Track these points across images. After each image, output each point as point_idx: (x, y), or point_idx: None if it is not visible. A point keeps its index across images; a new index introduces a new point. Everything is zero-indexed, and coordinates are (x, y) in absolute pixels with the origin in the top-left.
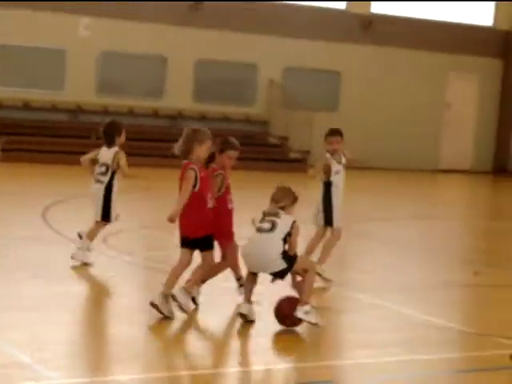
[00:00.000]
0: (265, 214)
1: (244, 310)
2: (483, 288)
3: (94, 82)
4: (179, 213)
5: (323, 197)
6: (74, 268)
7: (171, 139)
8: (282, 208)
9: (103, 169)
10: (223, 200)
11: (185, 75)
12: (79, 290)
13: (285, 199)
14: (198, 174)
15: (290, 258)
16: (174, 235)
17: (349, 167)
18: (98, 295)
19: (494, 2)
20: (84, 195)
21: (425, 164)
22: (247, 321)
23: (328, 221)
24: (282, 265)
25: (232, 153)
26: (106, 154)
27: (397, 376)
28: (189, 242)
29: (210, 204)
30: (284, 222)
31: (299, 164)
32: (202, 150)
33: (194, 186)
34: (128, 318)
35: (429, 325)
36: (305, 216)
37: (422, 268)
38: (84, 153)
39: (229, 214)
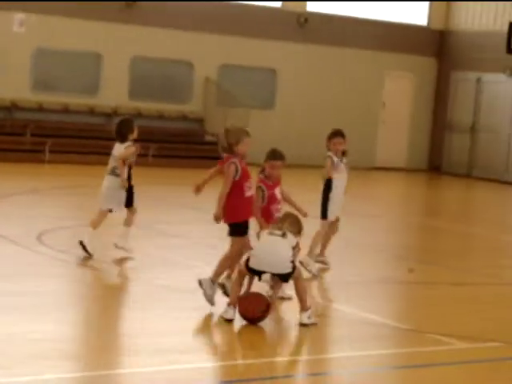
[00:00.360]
0: (273, 228)
1: (229, 315)
2: (418, 285)
3: (29, 79)
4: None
5: (323, 192)
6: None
7: (107, 136)
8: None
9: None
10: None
11: (120, 72)
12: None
13: (292, 228)
14: (239, 166)
15: (294, 265)
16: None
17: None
18: (29, 292)
19: (428, 2)
20: None
21: (361, 162)
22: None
23: (323, 214)
24: (288, 268)
25: (272, 162)
26: (118, 149)
27: (334, 372)
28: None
29: (249, 193)
30: (291, 237)
31: None
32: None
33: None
34: (47, 316)
35: (365, 321)
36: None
37: (357, 264)
38: (17, 150)
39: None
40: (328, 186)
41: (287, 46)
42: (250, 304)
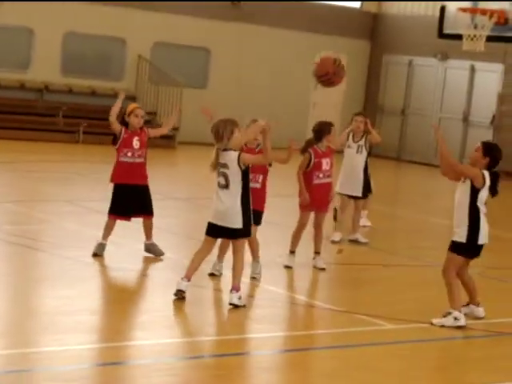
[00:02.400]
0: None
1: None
2: (346, 266)
3: None
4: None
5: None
6: None
7: (38, 112)
8: None
9: None
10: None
11: (52, 48)
12: None
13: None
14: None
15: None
16: (36, 210)
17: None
18: None
19: None
20: None
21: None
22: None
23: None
24: (238, 223)
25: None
26: None
27: (262, 352)
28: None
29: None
30: (231, 155)
31: (168, 140)
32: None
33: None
34: None
35: (292, 302)
36: None
37: (285, 245)
38: None
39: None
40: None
41: (221, 25)
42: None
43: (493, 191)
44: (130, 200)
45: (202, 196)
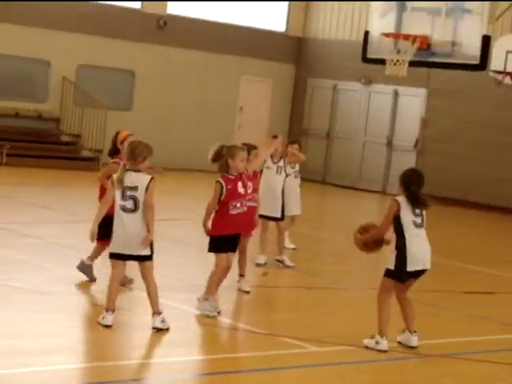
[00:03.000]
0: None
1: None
2: (271, 289)
3: None
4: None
5: None
6: None
7: None
8: None
9: None
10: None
11: None
12: None
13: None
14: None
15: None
16: None
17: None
18: None
19: (286, 10)
20: None
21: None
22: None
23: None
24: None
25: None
26: None
27: (182, 376)
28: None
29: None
30: (142, 178)
31: (91, 163)
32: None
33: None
34: None
35: (216, 324)
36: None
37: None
38: None
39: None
40: None
41: (146, 47)
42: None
43: (415, 203)
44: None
45: None
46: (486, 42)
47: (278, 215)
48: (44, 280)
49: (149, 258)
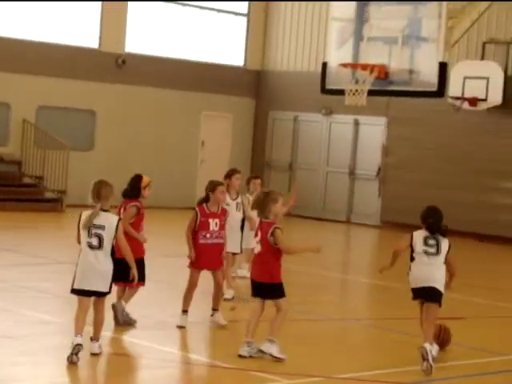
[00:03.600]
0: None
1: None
2: (240, 323)
3: None
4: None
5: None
6: None
7: None
8: None
9: None
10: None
11: None
12: None
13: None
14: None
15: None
16: None
17: None
18: None
19: (244, 43)
20: None
21: (182, 201)
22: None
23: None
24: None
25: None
26: None
27: None
28: None
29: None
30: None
31: (55, 204)
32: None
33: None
34: None
35: (186, 361)
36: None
37: (178, 305)
38: None
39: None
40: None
41: (106, 87)
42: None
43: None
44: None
45: None
46: (443, 68)
47: (238, 251)
48: (10, 324)
49: (107, 293)
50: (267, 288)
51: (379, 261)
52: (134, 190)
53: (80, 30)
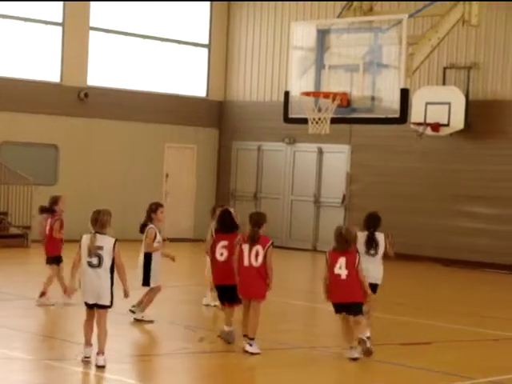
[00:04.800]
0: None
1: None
2: (209, 354)
3: None
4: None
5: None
6: None
7: None
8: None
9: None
10: None
11: None
12: None
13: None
14: None
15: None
16: None
17: None
18: None
19: (206, 74)
20: None
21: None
22: None
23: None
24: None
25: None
26: None
27: None
28: None
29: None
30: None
31: (20, 239)
32: None
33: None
34: None
35: None
36: None
37: (152, 336)
38: None
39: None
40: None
41: (68, 120)
42: None
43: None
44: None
45: (56, 294)
46: (405, 94)
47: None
48: None
49: (108, 307)
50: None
51: None
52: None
53: (41, 64)
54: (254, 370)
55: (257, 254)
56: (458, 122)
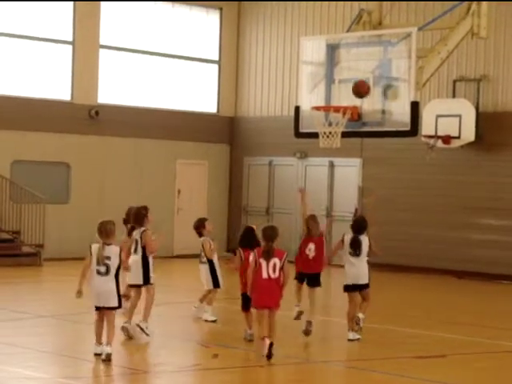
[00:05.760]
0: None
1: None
2: (221, 370)
3: None
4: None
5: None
6: None
7: None
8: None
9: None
10: None
11: None
12: None
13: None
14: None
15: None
16: None
17: None
18: None
19: (216, 90)
20: None
21: (160, 251)
22: None
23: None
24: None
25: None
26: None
27: None
28: None
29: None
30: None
31: (33, 258)
32: None
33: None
34: None
35: None
36: None
37: (159, 352)
38: None
39: None
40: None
41: (80, 139)
42: None
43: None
44: None
45: (70, 312)
46: (415, 107)
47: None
48: None
49: (116, 308)
50: None
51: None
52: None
53: (52, 83)
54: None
55: (274, 267)
56: (468, 134)
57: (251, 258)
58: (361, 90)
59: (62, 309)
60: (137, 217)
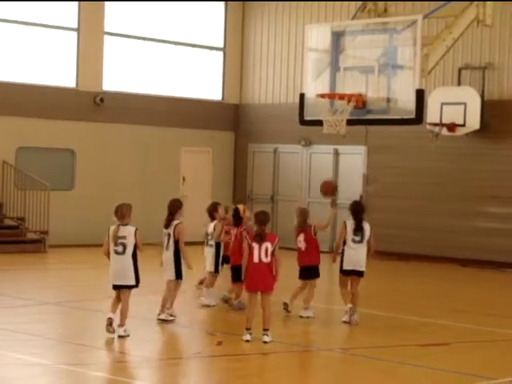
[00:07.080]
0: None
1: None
2: (226, 358)
3: None
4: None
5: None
6: None
7: None
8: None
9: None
10: None
11: None
12: None
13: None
14: None
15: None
16: None
17: None
18: None
19: (221, 78)
20: None
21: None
22: None
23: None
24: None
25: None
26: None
27: None
28: None
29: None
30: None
31: (37, 245)
32: None
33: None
34: None
35: None
36: None
37: (170, 340)
38: None
39: None
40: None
41: (85, 125)
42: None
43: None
44: None
45: (74, 299)
46: (420, 95)
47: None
48: None
49: (134, 286)
50: None
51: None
52: (236, 217)
53: (57, 69)
54: (275, 372)
55: (266, 251)
56: (473, 122)
57: (245, 244)
58: (327, 190)
59: (67, 295)
60: (171, 209)
